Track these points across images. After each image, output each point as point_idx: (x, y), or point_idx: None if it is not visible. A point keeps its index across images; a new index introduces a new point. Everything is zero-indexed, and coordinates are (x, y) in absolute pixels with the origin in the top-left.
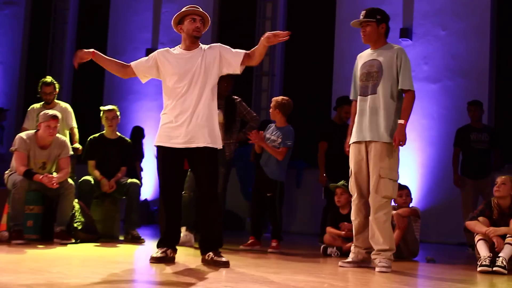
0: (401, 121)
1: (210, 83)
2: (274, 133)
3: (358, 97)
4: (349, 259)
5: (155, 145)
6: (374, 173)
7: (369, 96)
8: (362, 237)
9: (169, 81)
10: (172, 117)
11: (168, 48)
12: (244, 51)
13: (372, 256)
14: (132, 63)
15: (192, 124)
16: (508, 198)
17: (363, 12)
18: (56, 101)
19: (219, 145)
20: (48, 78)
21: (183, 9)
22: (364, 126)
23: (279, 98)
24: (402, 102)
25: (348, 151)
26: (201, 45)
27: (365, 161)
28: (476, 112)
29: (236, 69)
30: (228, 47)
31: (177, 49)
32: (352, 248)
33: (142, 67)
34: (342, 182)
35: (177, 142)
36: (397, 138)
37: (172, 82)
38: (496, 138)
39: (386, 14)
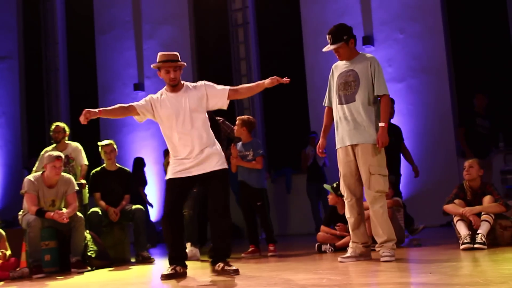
0: (381, 124)
1: (200, 118)
2: (242, 149)
3: (338, 105)
4: (348, 254)
5: (166, 179)
6: (364, 171)
7: (348, 104)
8: (358, 232)
9: (165, 123)
10: (180, 156)
11: (158, 93)
12: (228, 87)
13: (377, 249)
14: (134, 104)
15: (199, 156)
16: (477, 179)
17: (329, 36)
18: (66, 141)
19: (226, 164)
20: (60, 123)
21: (158, 58)
22: (349, 132)
23: (245, 117)
24: (379, 105)
25: (321, 152)
26: (185, 84)
27: (353, 163)
28: (483, 101)
29: (223, 106)
30: (212, 84)
31: (164, 93)
32: (350, 243)
33: (142, 108)
34: (335, 183)
35: (190, 172)
36: (380, 140)
37: (167, 123)
38: (494, 125)
39: (348, 27)
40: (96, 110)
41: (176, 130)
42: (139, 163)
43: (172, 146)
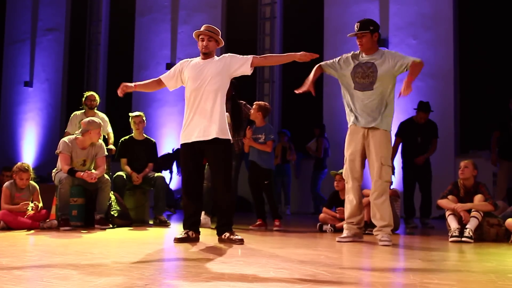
0: (408, 79)
1: (220, 87)
2: (256, 132)
3: (354, 90)
4: (344, 234)
5: (181, 144)
6: (376, 160)
7: (367, 91)
8: (357, 218)
9: (187, 84)
10: (190, 117)
11: (193, 59)
12: (252, 56)
13: (375, 233)
14: (161, 76)
15: (206, 121)
16: (471, 178)
17: (357, 24)
18: (95, 111)
19: (229, 136)
20: (92, 92)
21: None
22: (367, 115)
23: (262, 102)
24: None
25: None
26: (215, 57)
27: (360, 150)
28: None
29: (246, 71)
30: (235, 55)
31: (196, 60)
32: (345, 225)
33: (167, 78)
34: (342, 170)
35: (194, 137)
36: (406, 87)
37: (188, 84)
38: None
39: (377, 24)
40: (132, 84)
41: (193, 92)
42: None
43: (187, 107)
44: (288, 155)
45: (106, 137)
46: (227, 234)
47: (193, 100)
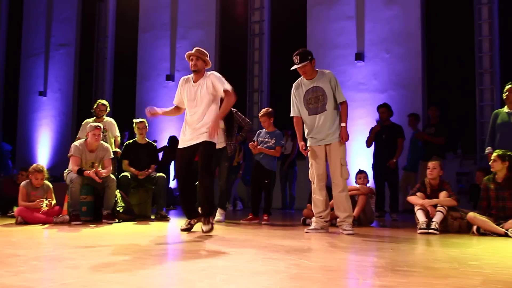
0: (343, 125)
1: (210, 101)
2: (266, 136)
3: (309, 116)
4: (312, 227)
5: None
6: (336, 162)
7: (320, 114)
8: (324, 212)
9: (186, 104)
10: (186, 126)
11: (186, 77)
12: (225, 88)
13: (338, 224)
14: (175, 102)
15: (197, 130)
16: (437, 178)
17: (296, 57)
18: (104, 117)
19: (215, 142)
20: (104, 101)
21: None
22: (322, 134)
23: (265, 109)
24: (340, 110)
25: (304, 150)
26: (206, 73)
27: (323, 157)
28: (435, 112)
29: (221, 94)
30: (217, 77)
31: (190, 80)
32: (314, 219)
33: (179, 103)
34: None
35: (188, 142)
36: (344, 137)
37: (186, 103)
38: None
39: (311, 51)
40: (160, 111)
41: (189, 108)
42: (174, 141)
43: (186, 119)
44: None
45: (113, 140)
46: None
47: (192, 114)
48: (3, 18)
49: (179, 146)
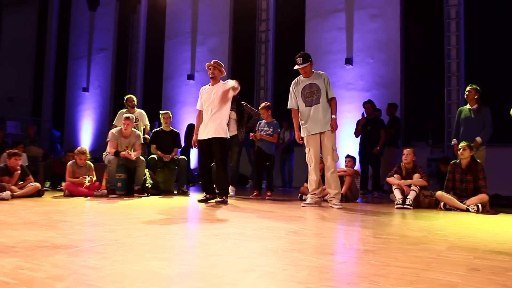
0: (333, 116)
1: (222, 104)
2: (265, 126)
3: (306, 107)
4: (307, 201)
5: (198, 139)
6: (328, 147)
7: (314, 106)
8: (318, 190)
9: (205, 104)
10: (204, 123)
11: (203, 87)
12: (227, 88)
13: (329, 199)
14: (198, 107)
15: (211, 126)
16: (411, 163)
17: (299, 59)
18: (135, 108)
19: (226, 135)
20: (132, 95)
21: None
22: (316, 124)
23: (264, 103)
24: (331, 104)
25: (301, 140)
26: (220, 81)
27: (318, 144)
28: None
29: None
30: (227, 82)
31: (208, 86)
32: (309, 195)
33: (201, 106)
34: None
35: (205, 135)
36: (333, 127)
37: (205, 105)
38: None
39: (309, 54)
40: (195, 136)
41: (207, 109)
42: (191, 128)
43: (203, 117)
44: None
45: (144, 128)
46: (219, 199)
47: (206, 113)
48: (54, 27)
49: (199, 138)
